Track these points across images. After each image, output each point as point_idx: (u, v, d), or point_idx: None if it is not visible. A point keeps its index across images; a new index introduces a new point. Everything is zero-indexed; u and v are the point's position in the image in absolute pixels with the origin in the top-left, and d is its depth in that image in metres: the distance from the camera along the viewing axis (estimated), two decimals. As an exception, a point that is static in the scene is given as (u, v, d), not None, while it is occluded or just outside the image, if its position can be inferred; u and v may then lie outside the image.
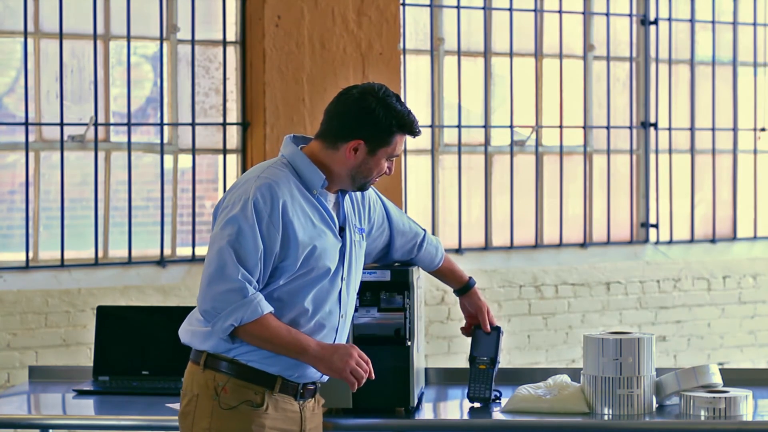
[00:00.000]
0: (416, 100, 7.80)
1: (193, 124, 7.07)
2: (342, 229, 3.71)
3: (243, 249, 3.52)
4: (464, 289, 4.16)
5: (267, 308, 3.54)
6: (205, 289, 3.54)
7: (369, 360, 3.63)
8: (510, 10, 8.07)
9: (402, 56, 7.53)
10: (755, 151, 8.99)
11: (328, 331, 3.66)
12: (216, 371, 3.58)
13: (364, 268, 3.91)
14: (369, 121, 3.65)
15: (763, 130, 9.00)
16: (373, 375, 3.64)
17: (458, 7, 7.91)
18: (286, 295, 3.59)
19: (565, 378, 4.05)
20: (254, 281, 3.53)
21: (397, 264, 4.02)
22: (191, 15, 7.02)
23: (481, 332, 4.12)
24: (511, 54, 8.10)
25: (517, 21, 8.11)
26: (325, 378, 3.71)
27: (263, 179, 3.58)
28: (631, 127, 8.57)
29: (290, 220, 3.56)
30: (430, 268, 4.10)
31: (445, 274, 4.15)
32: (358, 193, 3.82)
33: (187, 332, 3.66)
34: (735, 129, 8.89)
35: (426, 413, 4.10)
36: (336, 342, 3.69)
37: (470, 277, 4.17)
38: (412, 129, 3.72)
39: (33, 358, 6.53)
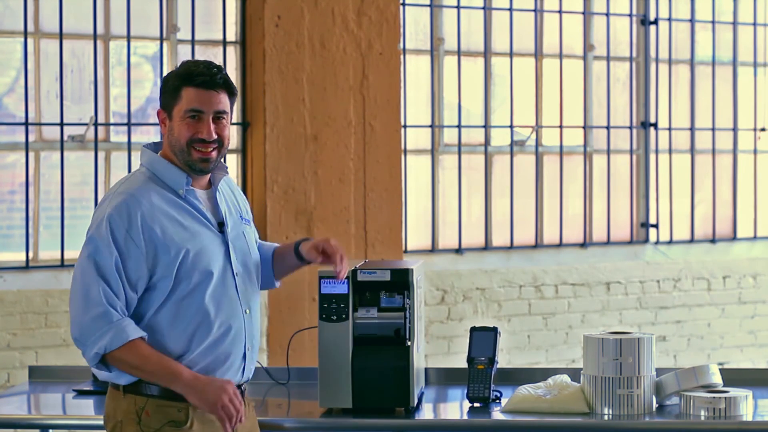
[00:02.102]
0: (416, 100, 7.81)
1: (193, 124, 7.06)
2: (221, 224, 3.60)
3: (103, 269, 3.43)
4: (297, 245, 3.83)
5: (135, 334, 3.42)
6: (72, 316, 3.46)
7: (242, 401, 3.51)
8: (510, 10, 8.07)
9: (402, 56, 7.53)
10: (755, 151, 8.99)
11: (236, 330, 3.57)
12: (136, 394, 3.50)
13: (364, 268, 3.90)
14: (161, 88, 3.60)
15: (763, 130, 9.00)
16: (243, 418, 3.51)
17: (458, 7, 7.91)
18: (179, 308, 3.49)
19: (565, 378, 4.05)
20: (119, 302, 3.43)
21: None
22: (191, 15, 7.02)
23: (479, 333, 4.11)
24: (511, 54, 8.10)
25: (517, 21, 8.12)
26: (249, 377, 3.66)
27: (119, 195, 3.49)
28: (631, 127, 8.57)
29: (153, 230, 3.46)
30: (268, 265, 3.86)
31: (281, 252, 3.88)
32: (232, 185, 3.73)
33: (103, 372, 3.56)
34: (735, 129, 8.89)
35: (426, 413, 4.11)
36: (247, 338, 3.60)
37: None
38: (190, 76, 3.54)
39: (33, 358, 6.53)
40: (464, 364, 4.11)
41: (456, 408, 4.29)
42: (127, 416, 3.51)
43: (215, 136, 3.56)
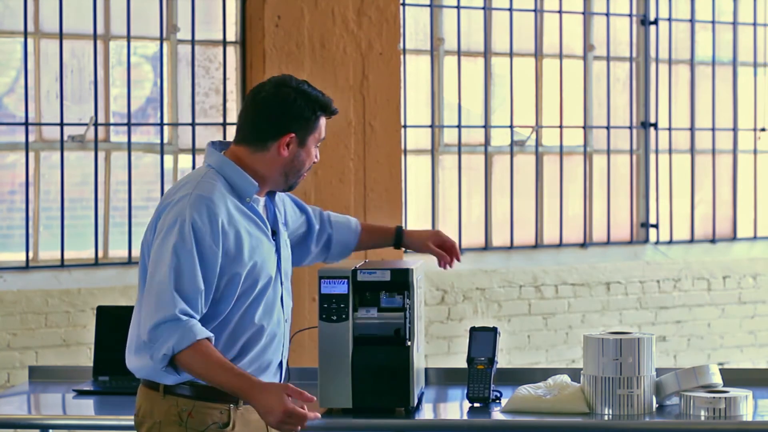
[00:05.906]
0: (416, 100, 7.80)
1: (193, 124, 7.07)
2: (274, 233, 3.62)
3: (182, 274, 3.39)
4: (399, 235, 4.07)
5: (202, 334, 3.37)
6: (144, 320, 3.40)
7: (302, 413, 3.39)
8: (510, 10, 8.07)
9: (402, 56, 7.53)
10: (755, 151, 8.99)
11: (278, 338, 3.60)
12: (178, 396, 3.48)
13: (364, 268, 3.90)
14: (294, 113, 3.55)
15: (763, 130, 9.00)
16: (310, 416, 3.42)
17: (458, 7, 7.91)
18: (239, 317, 3.49)
19: (565, 378, 4.05)
20: (191, 309, 3.38)
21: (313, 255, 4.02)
22: (191, 15, 7.02)
23: (479, 333, 4.11)
24: (511, 54, 8.10)
25: (517, 21, 8.12)
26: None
27: (198, 198, 3.44)
28: (631, 127, 8.57)
29: (229, 239, 3.45)
30: (353, 236, 4.02)
31: (372, 232, 4.08)
32: None
33: (144, 368, 3.50)
34: (735, 129, 8.89)
35: (426, 413, 4.10)
36: (285, 346, 3.64)
37: (396, 226, 4.10)
38: (331, 109, 3.61)
39: (33, 358, 6.53)
40: (464, 364, 4.10)
41: (456, 408, 4.29)
42: (168, 417, 3.48)
43: None
